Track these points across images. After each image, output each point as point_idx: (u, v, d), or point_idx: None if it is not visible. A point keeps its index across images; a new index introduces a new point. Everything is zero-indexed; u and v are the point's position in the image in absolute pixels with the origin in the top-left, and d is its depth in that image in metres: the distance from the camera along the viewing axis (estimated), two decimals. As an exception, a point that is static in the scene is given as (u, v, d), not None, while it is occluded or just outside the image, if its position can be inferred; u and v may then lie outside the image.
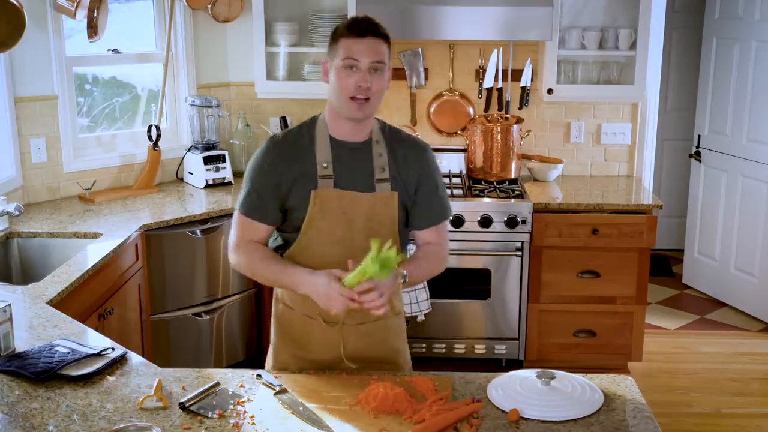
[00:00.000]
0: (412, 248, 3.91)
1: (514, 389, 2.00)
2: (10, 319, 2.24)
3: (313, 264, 2.18)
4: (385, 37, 2.15)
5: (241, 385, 2.06)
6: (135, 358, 2.22)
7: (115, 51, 4.19)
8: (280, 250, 2.29)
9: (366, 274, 1.97)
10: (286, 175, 2.19)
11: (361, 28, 2.12)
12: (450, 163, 4.53)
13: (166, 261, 3.72)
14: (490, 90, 4.42)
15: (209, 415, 1.90)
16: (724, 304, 5.24)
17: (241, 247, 2.23)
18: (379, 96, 2.15)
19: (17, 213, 3.40)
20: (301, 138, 2.23)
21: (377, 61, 2.12)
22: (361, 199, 2.20)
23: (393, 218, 2.23)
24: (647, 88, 4.48)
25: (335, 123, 2.21)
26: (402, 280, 2.13)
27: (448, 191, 4.11)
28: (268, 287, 4.04)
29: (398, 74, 4.53)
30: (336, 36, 2.17)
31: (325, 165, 2.18)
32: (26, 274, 3.45)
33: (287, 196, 2.20)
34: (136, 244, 3.54)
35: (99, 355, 2.18)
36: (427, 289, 3.96)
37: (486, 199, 4.08)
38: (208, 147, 4.33)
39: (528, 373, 2.07)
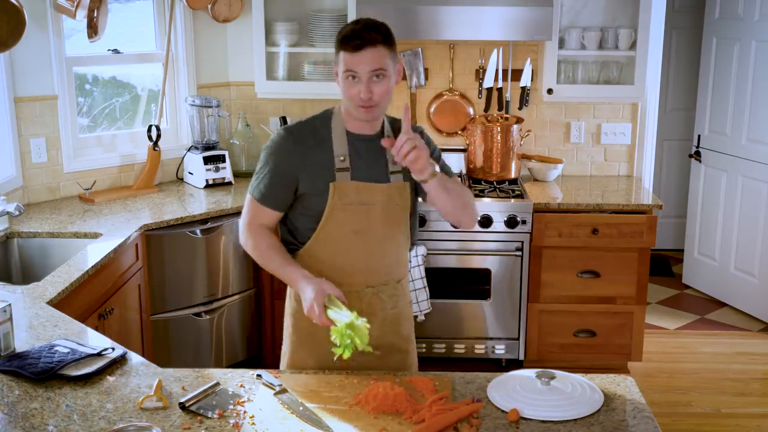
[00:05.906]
0: (417, 256, 3.90)
1: (514, 389, 2.00)
2: (10, 319, 2.24)
3: (333, 255, 2.28)
4: (385, 42, 2.15)
5: (241, 385, 2.06)
6: (135, 358, 2.22)
7: (115, 51, 4.19)
8: (291, 245, 2.34)
9: (339, 323, 2.02)
10: (301, 164, 2.25)
11: (356, 43, 2.12)
12: (450, 163, 4.48)
13: (166, 261, 3.72)
14: (490, 90, 4.42)
15: (209, 415, 1.90)
16: (724, 304, 5.24)
17: (251, 229, 2.32)
18: (385, 99, 2.21)
19: (17, 213, 3.40)
20: (317, 129, 2.29)
21: (377, 69, 2.14)
22: (377, 189, 2.28)
23: (406, 207, 2.35)
24: (647, 88, 4.48)
25: (349, 119, 2.29)
26: (433, 169, 2.15)
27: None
28: (268, 287, 4.06)
29: (398, 74, 4.53)
30: (336, 46, 2.20)
31: (342, 158, 2.26)
32: (26, 274, 3.45)
33: (300, 183, 2.26)
34: (136, 244, 3.54)
35: (99, 355, 2.18)
36: (427, 289, 3.95)
37: (486, 199, 4.08)
38: (208, 147, 4.33)
39: (528, 373, 2.07)
